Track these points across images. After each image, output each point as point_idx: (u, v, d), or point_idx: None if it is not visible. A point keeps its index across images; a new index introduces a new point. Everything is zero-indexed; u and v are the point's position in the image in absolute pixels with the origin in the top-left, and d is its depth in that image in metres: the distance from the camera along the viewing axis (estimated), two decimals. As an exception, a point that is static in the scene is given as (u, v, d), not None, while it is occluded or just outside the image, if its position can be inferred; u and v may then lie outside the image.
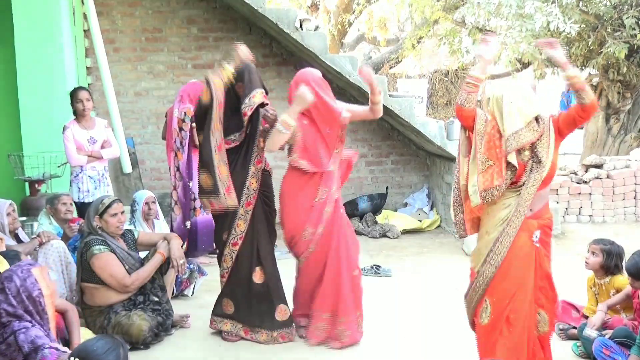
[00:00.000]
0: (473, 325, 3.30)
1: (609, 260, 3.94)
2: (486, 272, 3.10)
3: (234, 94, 3.93)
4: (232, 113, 3.92)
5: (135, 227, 4.81)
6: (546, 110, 3.07)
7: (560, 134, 3.10)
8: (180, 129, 5.71)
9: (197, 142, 5.67)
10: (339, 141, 4.04)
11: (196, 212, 5.81)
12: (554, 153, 3.06)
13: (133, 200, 5.15)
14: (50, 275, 3.42)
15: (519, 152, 3.05)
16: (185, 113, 5.70)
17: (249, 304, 4.04)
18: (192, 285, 4.98)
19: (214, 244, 4.20)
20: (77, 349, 2.29)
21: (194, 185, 5.74)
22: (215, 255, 6.04)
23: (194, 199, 5.81)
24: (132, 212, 5.04)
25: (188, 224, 5.74)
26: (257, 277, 4.01)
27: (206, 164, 3.89)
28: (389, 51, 13.98)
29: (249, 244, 4.01)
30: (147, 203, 5.07)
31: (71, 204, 4.87)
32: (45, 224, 4.75)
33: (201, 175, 3.95)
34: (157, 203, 5.25)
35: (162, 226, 5.38)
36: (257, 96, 3.84)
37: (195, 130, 5.67)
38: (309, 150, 3.92)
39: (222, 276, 4.10)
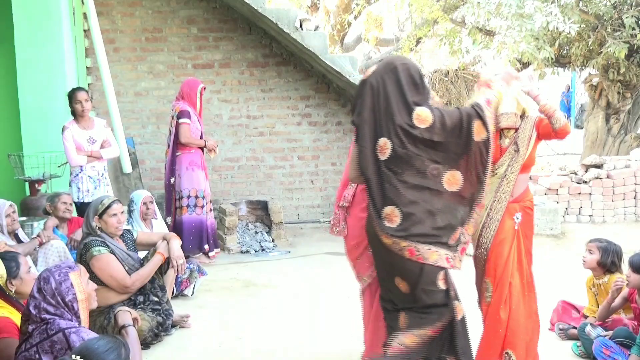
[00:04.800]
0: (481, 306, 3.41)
1: (606, 257, 3.95)
2: (480, 255, 3.34)
3: None
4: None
5: (132, 227, 4.80)
6: (534, 112, 3.36)
7: (538, 137, 3.36)
8: (172, 125, 5.85)
9: (182, 140, 5.76)
10: None
11: (182, 211, 5.82)
12: (533, 147, 3.34)
13: (130, 200, 5.15)
14: None
15: (500, 136, 3.32)
16: (173, 109, 5.85)
17: None
18: (192, 285, 4.98)
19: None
20: (78, 347, 2.29)
21: (179, 182, 5.81)
22: (214, 257, 6.08)
23: (180, 198, 5.84)
24: (130, 212, 5.03)
25: (169, 219, 5.81)
26: None
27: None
28: (389, 51, 13.98)
29: None
30: (144, 203, 5.07)
31: (71, 203, 4.88)
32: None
33: None
34: (154, 203, 5.25)
35: (160, 226, 5.38)
36: (435, 99, 3.06)
37: (182, 127, 5.74)
38: None
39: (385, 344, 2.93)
